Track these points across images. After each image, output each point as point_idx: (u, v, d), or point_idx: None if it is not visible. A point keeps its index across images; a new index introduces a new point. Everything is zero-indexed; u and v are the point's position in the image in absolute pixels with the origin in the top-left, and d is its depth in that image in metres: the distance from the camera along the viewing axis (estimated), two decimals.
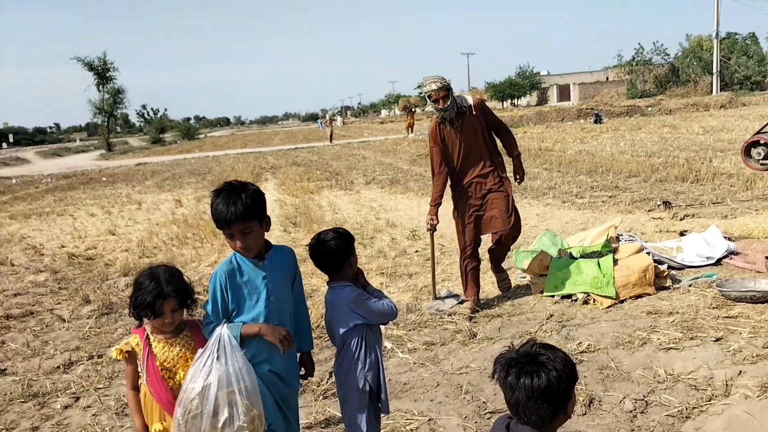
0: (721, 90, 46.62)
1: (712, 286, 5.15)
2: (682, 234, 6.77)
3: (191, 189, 16.75)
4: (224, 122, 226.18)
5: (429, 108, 5.40)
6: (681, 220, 7.88)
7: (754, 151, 6.16)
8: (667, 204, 8.75)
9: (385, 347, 4.54)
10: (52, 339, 5.42)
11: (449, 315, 5.15)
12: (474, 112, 5.05)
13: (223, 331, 2.40)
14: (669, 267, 5.71)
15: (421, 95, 5.95)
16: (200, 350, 2.41)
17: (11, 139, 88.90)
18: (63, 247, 9.61)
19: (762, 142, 6.06)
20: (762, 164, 6.13)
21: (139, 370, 2.53)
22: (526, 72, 77.24)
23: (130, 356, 2.53)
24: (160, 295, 2.43)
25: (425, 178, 14.67)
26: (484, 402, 3.66)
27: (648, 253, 5.70)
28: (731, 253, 5.91)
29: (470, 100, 5.13)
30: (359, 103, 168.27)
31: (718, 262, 5.82)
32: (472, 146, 5.10)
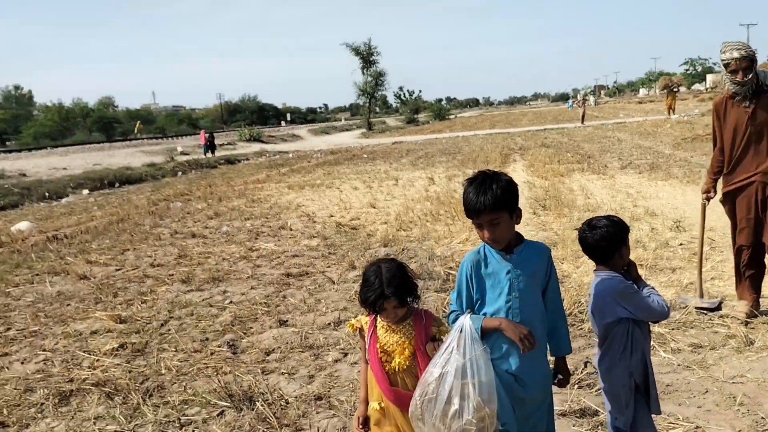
0: None
1: None
2: None
3: (443, 168, 17.35)
4: (474, 103, 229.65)
5: (719, 81, 4.81)
6: None
7: None
8: None
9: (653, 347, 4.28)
10: (324, 298, 6.07)
11: (720, 317, 4.67)
12: None
13: (465, 321, 2.38)
14: None
15: (718, 64, 4.32)
16: (445, 336, 2.44)
17: (288, 118, 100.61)
18: (331, 216, 10.66)
19: None
20: None
21: (366, 346, 2.65)
22: None
23: (360, 332, 2.68)
24: (381, 296, 2.46)
25: (691, 164, 13.40)
26: (762, 417, 3.28)
27: None
28: None
29: None
30: (615, 82, 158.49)
31: None
32: (763, 135, 4.34)
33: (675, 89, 33.54)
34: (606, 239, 2.61)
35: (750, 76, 4.16)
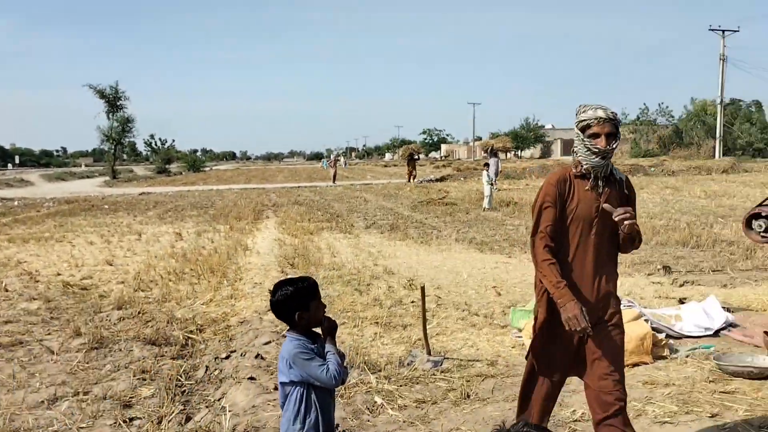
0: (723, 155, 47.04)
1: (709, 358, 5.08)
2: (681, 302, 6.73)
3: (192, 222, 16.76)
4: (230, 156, 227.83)
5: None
6: (680, 286, 7.85)
7: (755, 223, 6.16)
8: (667, 269, 8.73)
9: (375, 402, 4.47)
10: (39, 371, 5.34)
11: (443, 372, 5.08)
12: (626, 190, 3.25)
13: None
14: (667, 336, 5.65)
15: (575, 124, 3.23)
16: None
17: (17, 161, 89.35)
18: (59, 275, 9.56)
19: (763, 214, 6.07)
20: (763, 236, 6.13)
21: None
22: (531, 124, 78.15)
23: None
24: None
25: (425, 226, 14.69)
26: None
27: (646, 320, 5.65)
28: (730, 325, 5.86)
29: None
30: (364, 145, 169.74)
31: (717, 333, 5.76)
32: (604, 235, 3.20)
33: (416, 157, 36.91)
34: (283, 303, 2.73)
35: (614, 146, 3.12)
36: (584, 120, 3.17)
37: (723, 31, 47.83)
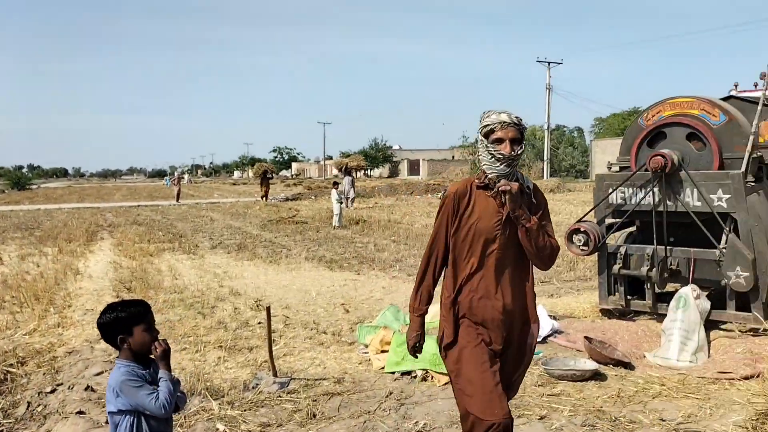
0: (550, 176, 51.32)
1: (538, 364, 5.47)
2: None
3: (15, 245, 15.21)
4: (61, 173, 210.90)
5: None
6: None
7: (575, 238, 6.76)
8: None
9: (217, 429, 4.30)
10: None
11: (288, 393, 5.00)
12: (534, 199, 3.04)
13: None
14: None
15: (476, 134, 3.16)
16: None
17: None
18: None
19: (582, 229, 6.68)
20: (582, 249, 6.74)
21: None
22: (380, 145, 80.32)
23: None
24: None
25: (274, 245, 14.50)
26: None
27: None
28: (555, 332, 6.35)
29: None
30: (212, 163, 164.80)
31: (544, 340, 6.22)
32: (509, 248, 2.98)
33: (269, 175, 36.33)
34: (105, 327, 2.61)
35: (519, 152, 2.94)
36: (487, 125, 2.97)
37: (549, 63, 52.38)
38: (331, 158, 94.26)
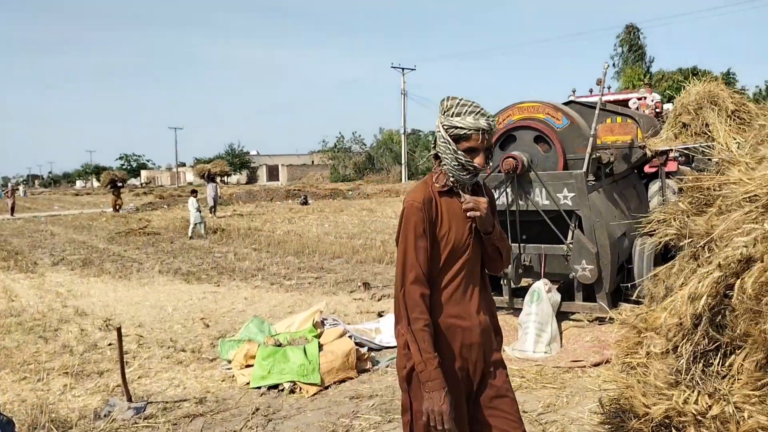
0: (408, 178, 52.83)
1: None
2: (380, 315, 7.22)
3: None
4: None
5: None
6: (379, 300, 8.45)
7: None
8: (366, 285, 9.33)
9: None
10: None
11: (146, 419, 4.63)
12: (486, 196, 2.67)
13: None
14: (369, 349, 5.98)
15: (437, 132, 2.53)
16: None
17: None
18: None
19: None
20: None
21: None
22: (236, 150, 78.36)
23: None
24: None
25: (124, 259, 13.58)
26: None
27: (350, 337, 5.91)
28: None
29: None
30: (50, 172, 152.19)
31: None
32: (477, 255, 2.64)
33: (120, 184, 33.93)
34: None
35: (489, 163, 2.58)
36: (461, 128, 2.45)
37: (403, 69, 53.95)
38: (184, 165, 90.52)
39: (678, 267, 5.02)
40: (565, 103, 7.43)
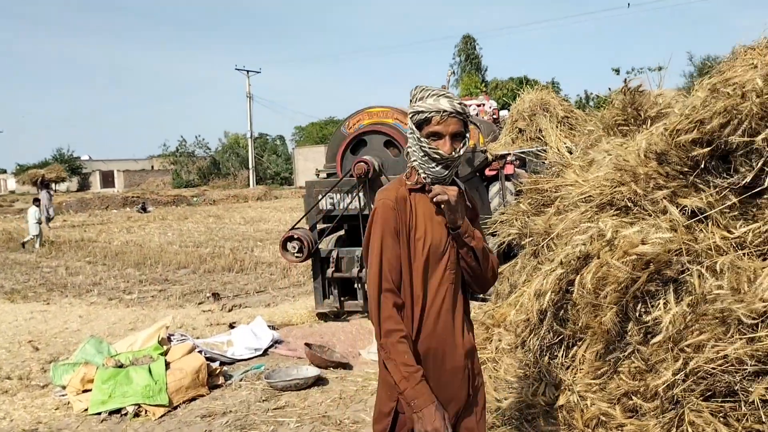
0: (257, 183, 51.86)
1: (260, 378, 5.32)
2: (231, 326, 6.94)
3: None
4: None
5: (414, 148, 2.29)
6: (230, 311, 8.12)
7: (289, 245, 6.79)
8: (216, 296, 8.95)
9: None
10: None
11: None
12: (468, 202, 2.39)
13: None
14: (221, 363, 5.71)
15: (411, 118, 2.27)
16: None
17: None
18: None
19: (296, 236, 6.72)
20: (297, 257, 6.79)
21: None
22: (66, 155, 72.39)
23: None
24: None
25: None
26: None
27: (200, 352, 5.61)
28: (276, 342, 6.27)
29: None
30: None
31: (265, 352, 6.10)
32: (458, 268, 2.34)
33: None
34: None
35: (461, 152, 2.24)
36: (421, 112, 2.23)
37: (248, 71, 52.88)
38: (5, 171, 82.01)
39: (521, 264, 5.33)
40: None
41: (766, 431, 2.38)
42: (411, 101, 2.28)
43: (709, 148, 3.10)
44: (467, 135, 2.24)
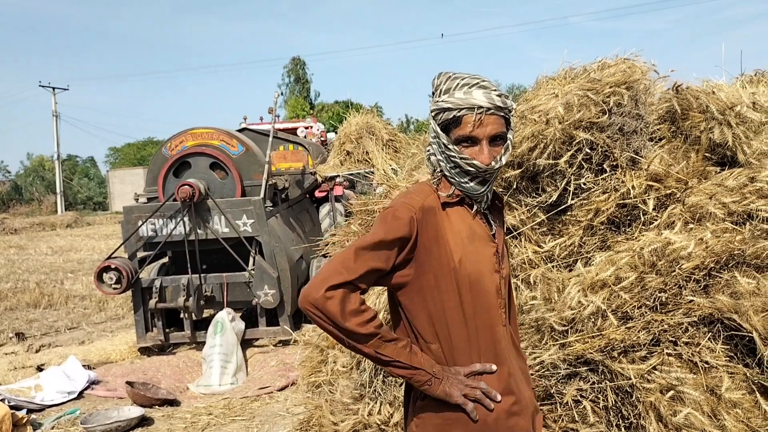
0: (66, 209, 47.61)
1: (76, 423, 4.83)
2: (40, 369, 6.25)
3: None
4: None
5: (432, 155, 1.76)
6: (37, 352, 7.30)
7: (106, 276, 6.29)
8: (20, 336, 8.01)
9: None
10: None
11: None
12: (503, 208, 1.93)
13: None
14: (29, 411, 5.10)
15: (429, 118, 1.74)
16: None
17: None
18: None
19: (113, 266, 6.25)
20: (114, 288, 6.31)
21: None
22: None
23: None
24: None
25: None
26: None
27: (3, 400, 4.97)
28: (92, 383, 5.74)
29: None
30: None
31: (81, 394, 5.55)
32: (510, 298, 1.87)
33: None
34: None
35: (505, 159, 1.69)
36: (448, 110, 1.65)
37: (54, 88, 48.66)
38: None
39: None
40: (239, 130, 7.48)
41: (580, 429, 2.59)
42: (434, 94, 1.73)
43: (519, 170, 3.36)
44: (510, 136, 1.69)
